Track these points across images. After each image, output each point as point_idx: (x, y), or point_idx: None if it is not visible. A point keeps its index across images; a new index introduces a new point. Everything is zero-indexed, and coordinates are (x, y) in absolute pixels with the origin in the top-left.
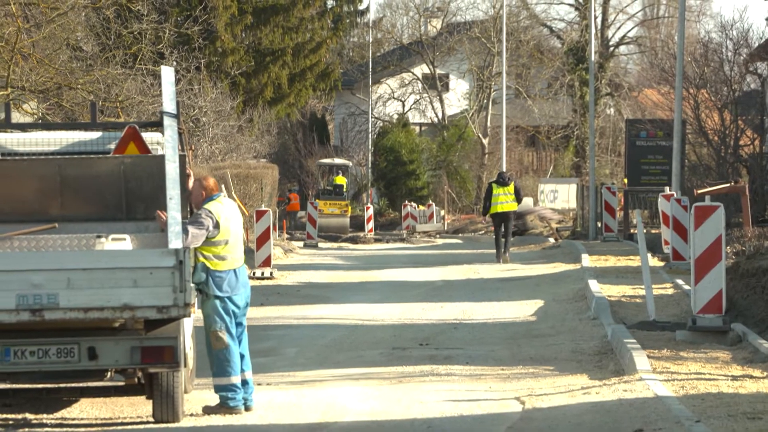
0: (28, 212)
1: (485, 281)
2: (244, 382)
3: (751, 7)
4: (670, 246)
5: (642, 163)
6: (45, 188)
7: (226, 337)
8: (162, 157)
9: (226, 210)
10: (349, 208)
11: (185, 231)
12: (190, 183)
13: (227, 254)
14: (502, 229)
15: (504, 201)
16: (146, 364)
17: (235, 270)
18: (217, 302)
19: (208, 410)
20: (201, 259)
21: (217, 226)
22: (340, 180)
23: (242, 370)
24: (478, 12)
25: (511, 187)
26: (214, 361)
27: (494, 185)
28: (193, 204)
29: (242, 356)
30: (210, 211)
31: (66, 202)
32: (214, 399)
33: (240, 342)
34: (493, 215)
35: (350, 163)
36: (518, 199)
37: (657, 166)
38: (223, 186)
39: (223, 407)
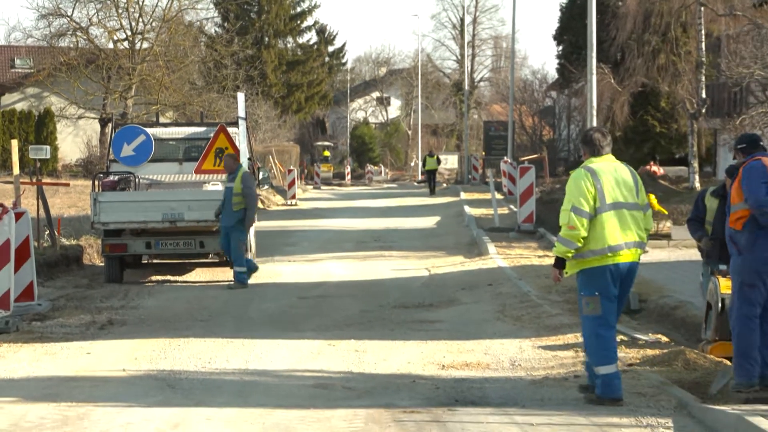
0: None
1: (409, 206)
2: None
3: (548, 62)
4: (506, 188)
5: (492, 144)
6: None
7: None
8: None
9: None
10: (332, 168)
11: None
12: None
13: None
14: (431, 179)
15: (432, 164)
16: None
17: None
18: None
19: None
20: None
21: None
22: (326, 153)
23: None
24: (405, 63)
25: (435, 158)
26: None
27: (427, 157)
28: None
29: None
30: None
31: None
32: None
33: None
34: (426, 171)
35: (331, 144)
36: (438, 163)
37: (500, 146)
38: (270, 156)
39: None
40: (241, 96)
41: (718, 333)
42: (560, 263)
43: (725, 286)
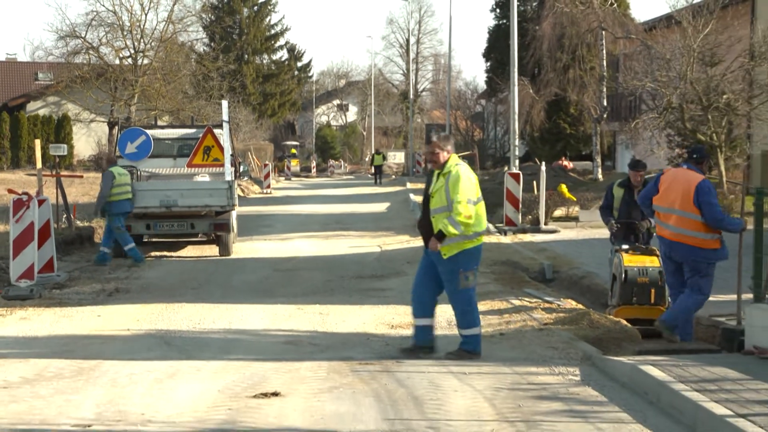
0: (169, 156)
1: (364, 194)
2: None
3: (479, 75)
4: None
5: None
6: (171, 149)
7: None
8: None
9: None
10: (299, 163)
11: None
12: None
13: None
14: (378, 172)
15: (378, 160)
16: (216, 230)
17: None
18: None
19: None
20: None
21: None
22: (293, 150)
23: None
24: (361, 76)
25: (381, 155)
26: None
27: (375, 154)
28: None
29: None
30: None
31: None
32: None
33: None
34: (375, 166)
35: (297, 143)
36: (384, 160)
37: None
38: (249, 153)
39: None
40: (225, 103)
41: (622, 299)
42: (442, 237)
43: (628, 260)
